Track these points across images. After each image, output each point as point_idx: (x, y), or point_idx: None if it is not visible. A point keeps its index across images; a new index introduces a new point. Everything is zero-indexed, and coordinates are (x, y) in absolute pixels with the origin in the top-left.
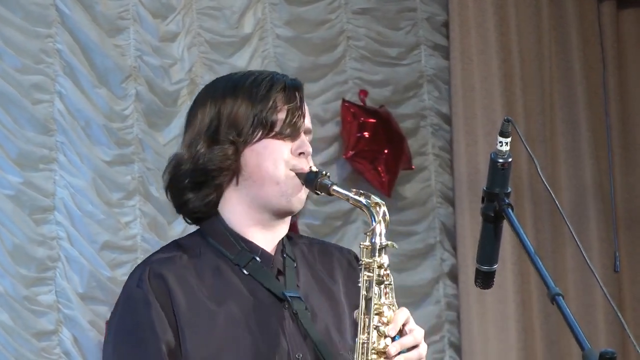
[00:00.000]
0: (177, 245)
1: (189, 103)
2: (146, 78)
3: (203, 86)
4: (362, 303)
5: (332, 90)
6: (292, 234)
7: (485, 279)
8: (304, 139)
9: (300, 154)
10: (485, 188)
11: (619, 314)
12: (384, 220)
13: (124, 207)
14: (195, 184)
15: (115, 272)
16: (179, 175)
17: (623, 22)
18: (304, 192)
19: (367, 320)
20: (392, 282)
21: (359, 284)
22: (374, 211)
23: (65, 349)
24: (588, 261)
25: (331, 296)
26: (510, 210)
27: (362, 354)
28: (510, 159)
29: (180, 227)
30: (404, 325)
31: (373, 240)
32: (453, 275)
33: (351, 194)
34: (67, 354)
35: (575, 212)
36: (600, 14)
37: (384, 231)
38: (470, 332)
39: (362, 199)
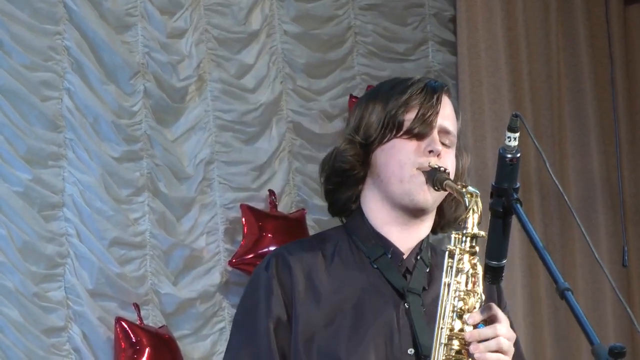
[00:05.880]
0: (319, 235)
1: (197, 99)
2: (154, 74)
3: (211, 82)
4: (444, 290)
5: (339, 86)
6: (437, 247)
7: (494, 275)
8: (435, 137)
9: (429, 152)
10: (493, 183)
11: (628, 309)
12: (477, 210)
13: (132, 203)
14: (335, 185)
15: (124, 269)
16: (326, 177)
17: (630, 17)
18: (430, 190)
19: (446, 306)
20: (478, 272)
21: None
22: (468, 201)
23: (74, 345)
24: (596, 256)
25: None
26: (518, 206)
27: (439, 337)
28: (518, 154)
29: (189, 223)
30: (491, 318)
31: (464, 230)
32: None
33: (457, 187)
34: (76, 350)
35: (583, 206)
36: (608, 9)
37: (475, 221)
38: None
39: (462, 190)
